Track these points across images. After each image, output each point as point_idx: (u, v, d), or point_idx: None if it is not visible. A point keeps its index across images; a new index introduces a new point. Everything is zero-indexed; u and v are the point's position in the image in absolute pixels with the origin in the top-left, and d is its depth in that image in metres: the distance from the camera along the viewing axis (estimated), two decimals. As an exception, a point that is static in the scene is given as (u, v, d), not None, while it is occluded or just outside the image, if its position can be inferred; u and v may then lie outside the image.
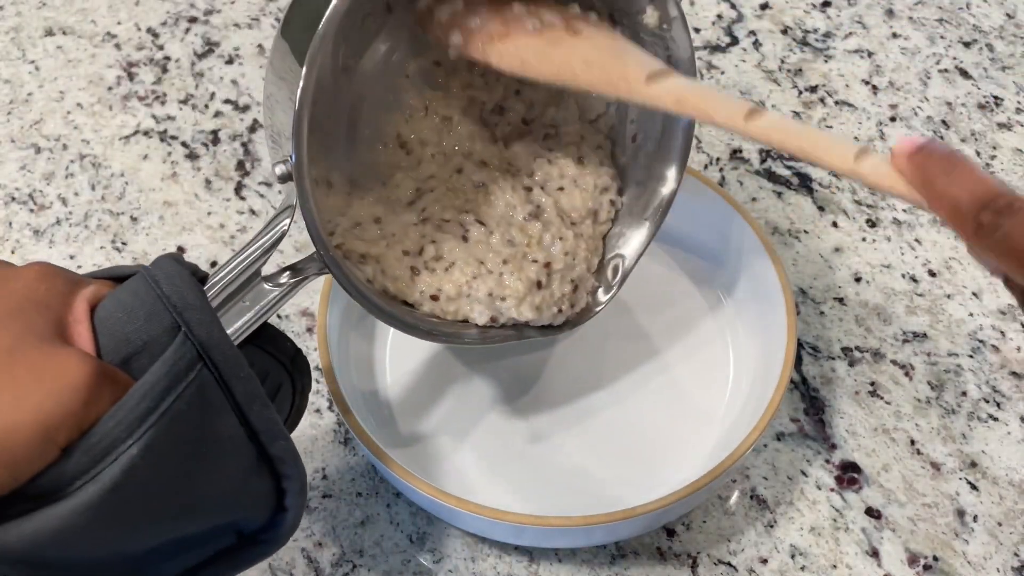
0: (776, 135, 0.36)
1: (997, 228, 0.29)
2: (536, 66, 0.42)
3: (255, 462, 0.35)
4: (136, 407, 0.31)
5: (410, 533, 0.50)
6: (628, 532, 0.47)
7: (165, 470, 0.32)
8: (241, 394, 0.34)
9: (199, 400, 0.32)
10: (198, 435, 0.33)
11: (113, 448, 0.30)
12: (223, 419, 0.34)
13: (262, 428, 0.35)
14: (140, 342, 0.32)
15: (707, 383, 0.53)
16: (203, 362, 0.33)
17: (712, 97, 0.38)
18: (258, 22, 0.76)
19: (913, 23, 0.74)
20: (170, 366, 0.32)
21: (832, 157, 0.34)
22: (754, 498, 0.50)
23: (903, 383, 0.54)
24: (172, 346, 0.32)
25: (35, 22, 0.77)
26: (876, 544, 0.48)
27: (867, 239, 0.61)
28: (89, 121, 0.70)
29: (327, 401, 0.54)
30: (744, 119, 0.36)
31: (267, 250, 0.39)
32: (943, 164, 0.31)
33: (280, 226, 0.39)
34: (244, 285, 0.38)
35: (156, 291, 0.33)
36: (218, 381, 0.33)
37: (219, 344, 0.33)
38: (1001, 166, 0.64)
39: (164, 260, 0.34)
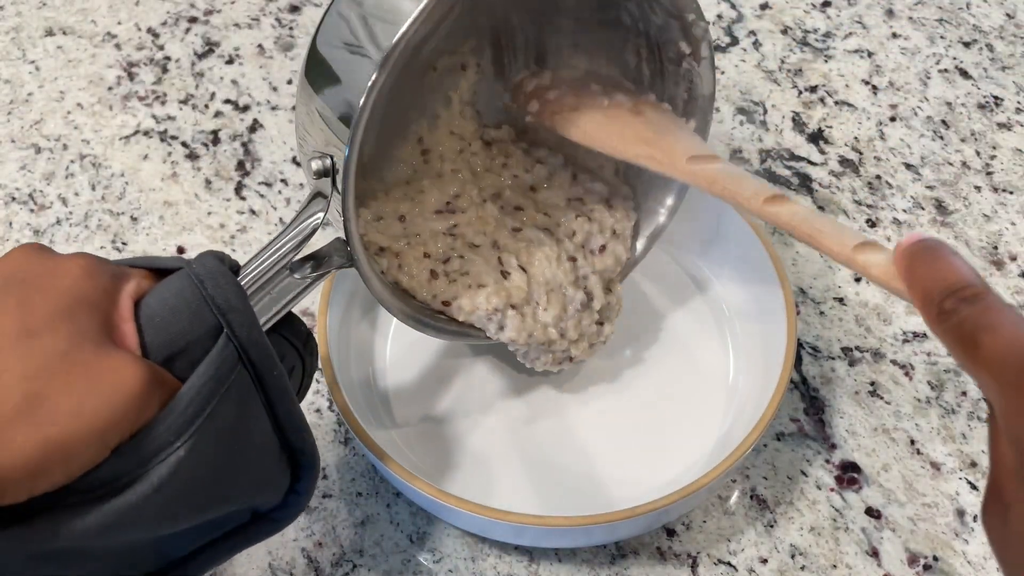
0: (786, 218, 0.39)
1: (955, 315, 0.29)
2: (594, 135, 0.47)
3: (279, 452, 0.36)
4: (185, 411, 0.32)
5: (410, 533, 0.50)
6: (628, 532, 0.47)
7: (206, 466, 0.33)
8: (272, 390, 0.35)
9: (237, 399, 0.34)
10: (235, 432, 0.34)
11: (162, 450, 0.31)
12: (256, 415, 0.35)
13: (288, 422, 0.36)
14: (184, 342, 0.33)
15: (707, 383, 0.53)
16: (242, 363, 0.34)
17: (740, 181, 0.41)
18: (258, 22, 0.76)
19: (913, 23, 0.74)
20: (215, 369, 0.33)
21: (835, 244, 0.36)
22: (754, 498, 0.50)
23: (903, 383, 0.54)
24: (216, 348, 0.33)
25: (35, 22, 0.77)
26: (876, 544, 0.48)
27: (867, 239, 0.61)
28: (89, 121, 0.70)
29: (327, 401, 0.54)
30: (763, 202, 0.40)
31: (299, 244, 0.39)
32: (929, 253, 0.31)
33: (313, 220, 0.39)
34: (273, 277, 0.38)
35: (201, 292, 0.33)
36: (253, 380, 0.34)
37: (258, 345, 0.34)
38: (1001, 166, 0.64)
39: (208, 259, 0.35)
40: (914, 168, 0.65)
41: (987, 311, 0.28)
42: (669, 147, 0.45)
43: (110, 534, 0.31)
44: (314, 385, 0.55)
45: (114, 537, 0.31)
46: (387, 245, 0.47)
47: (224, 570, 0.48)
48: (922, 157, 0.65)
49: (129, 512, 0.31)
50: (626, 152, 0.45)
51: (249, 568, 0.48)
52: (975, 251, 0.60)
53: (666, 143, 0.45)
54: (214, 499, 0.34)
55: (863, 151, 0.66)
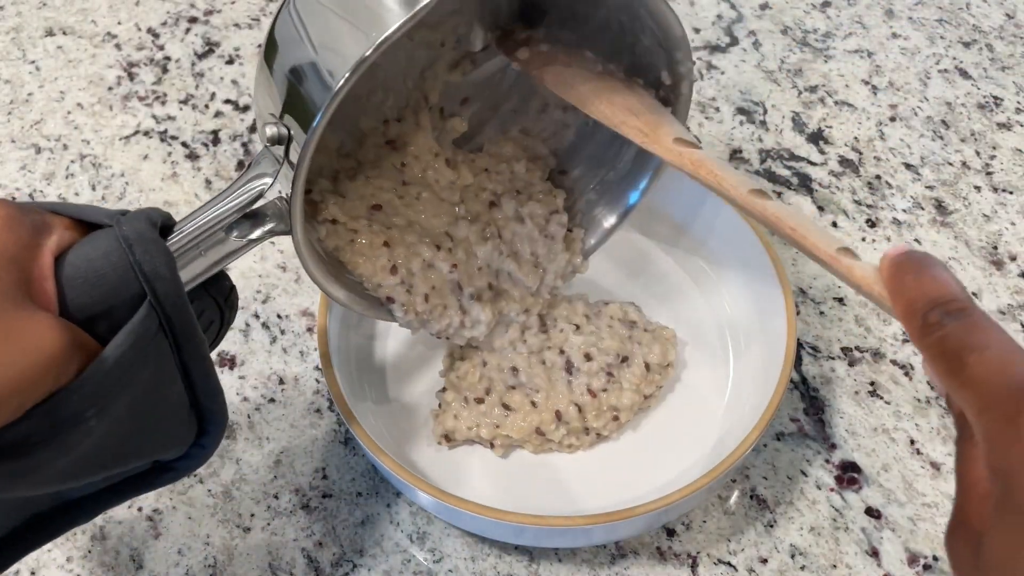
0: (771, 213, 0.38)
1: (939, 328, 0.28)
2: (583, 94, 0.45)
3: (188, 410, 0.36)
4: (101, 381, 0.31)
5: (410, 533, 0.50)
6: (628, 532, 0.47)
7: (116, 432, 0.33)
8: (189, 356, 0.34)
9: (154, 367, 0.33)
10: (147, 398, 0.33)
11: (74, 417, 0.31)
12: (170, 379, 0.34)
13: (202, 386, 0.36)
14: (106, 306, 0.32)
15: (707, 383, 0.53)
16: (162, 330, 0.33)
17: (725, 170, 0.41)
18: (258, 22, 0.76)
19: (913, 23, 0.74)
20: (135, 339, 0.32)
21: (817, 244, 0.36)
22: (754, 498, 0.50)
23: (903, 383, 0.54)
24: (137, 316, 0.32)
25: (35, 22, 0.77)
26: (876, 544, 0.48)
27: (867, 239, 0.61)
28: (89, 121, 0.70)
29: (327, 401, 0.55)
30: (747, 193, 0.39)
31: (240, 208, 0.38)
32: (916, 264, 0.31)
33: (259, 184, 0.38)
34: (208, 237, 0.37)
35: (128, 257, 0.32)
36: (171, 346, 0.34)
37: (181, 314, 0.33)
38: (1001, 166, 0.64)
39: (139, 220, 0.34)
40: (914, 168, 0.65)
41: (974, 328, 0.27)
42: (656, 123, 0.44)
43: (8, 490, 0.31)
44: (314, 385, 0.55)
45: (12, 492, 0.31)
46: (343, 220, 0.46)
47: (223, 570, 0.48)
48: (922, 157, 0.65)
49: (32, 472, 0.31)
50: (614, 118, 0.44)
51: (249, 568, 0.48)
52: (975, 251, 0.60)
53: (654, 119, 0.44)
54: (119, 459, 0.34)
55: (863, 151, 0.66)
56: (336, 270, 0.46)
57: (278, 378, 0.56)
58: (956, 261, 0.59)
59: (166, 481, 0.38)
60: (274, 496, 0.51)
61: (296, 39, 0.38)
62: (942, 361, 0.28)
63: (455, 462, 0.51)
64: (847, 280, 0.35)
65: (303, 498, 0.51)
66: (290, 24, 0.38)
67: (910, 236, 0.61)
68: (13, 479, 0.30)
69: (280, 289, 0.60)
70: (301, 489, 0.51)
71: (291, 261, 0.61)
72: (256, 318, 0.58)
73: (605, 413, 0.50)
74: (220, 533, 0.50)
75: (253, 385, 0.55)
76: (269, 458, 0.52)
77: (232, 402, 0.54)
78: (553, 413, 0.50)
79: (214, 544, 0.49)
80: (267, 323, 0.58)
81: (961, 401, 0.27)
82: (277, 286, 0.60)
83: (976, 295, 0.58)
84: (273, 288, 0.60)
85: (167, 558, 0.49)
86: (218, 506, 0.51)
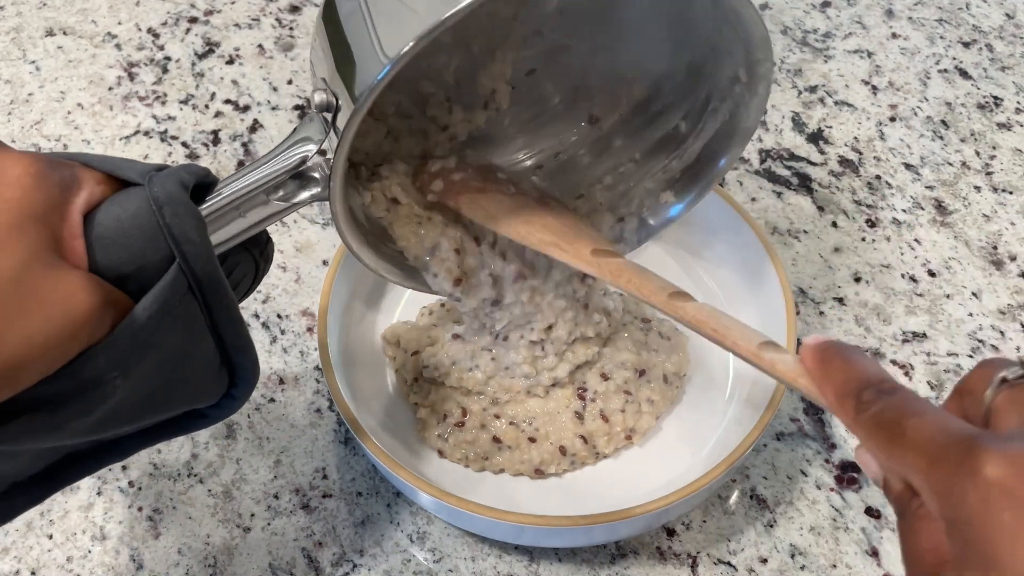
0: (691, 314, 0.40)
1: (874, 404, 0.29)
2: (499, 219, 0.46)
3: (219, 366, 0.36)
4: (128, 343, 0.31)
5: (410, 533, 0.50)
6: (628, 532, 0.47)
7: (143, 390, 0.33)
8: (220, 316, 0.34)
9: (183, 327, 0.33)
10: (176, 357, 0.33)
11: (100, 378, 0.31)
12: (200, 338, 0.34)
13: (233, 343, 0.36)
14: (135, 266, 0.32)
15: (707, 383, 0.53)
16: (191, 292, 0.33)
17: (644, 276, 0.42)
18: (258, 22, 0.76)
19: (913, 23, 0.74)
20: (163, 301, 0.32)
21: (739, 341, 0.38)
22: (754, 498, 0.50)
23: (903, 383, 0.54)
24: (166, 278, 0.32)
25: (36, 22, 0.77)
26: (876, 544, 0.48)
27: (867, 239, 0.61)
28: (90, 121, 0.70)
29: (327, 401, 0.55)
30: (667, 297, 0.41)
31: (281, 175, 0.37)
32: (839, 352, 0.32)
33: (301, 151, 0.37)
34: (248, 199, 0.37)
35: (158, 219, 0.32)
36: (201, 307, 0.34)
37: (211, 275, 0.33)
38: (1001, 166, 0.64)
39: (169, 182, 0.33)
40: (914, 168, 0.65)
41: (908, 399, 0.28)
42: (573, 237, 0.45)
43: (36, 442, 0.31)
44: (314, 385, 0.55)
45: (40, 444, 0.31)
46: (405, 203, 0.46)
47: (223, 570, 0.48)
48: (922, 157, 0.65)
49: (56, 430, 0.31)
50: (530, 238, 0.45)
51: (249, 568, 0.48)
52: (975, 251, 0.60)
53: (570, 233, 0.45)
54: (147, 413, 0.35)
55: (863, 151, 0.66)
56: (375, 239, 0.46)
57: (278, 378, 0.56)
58: (956, 261, 0.59)
59: (199, 426, 0.38)
60: (274, 496, 0.51)
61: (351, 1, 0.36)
62: (881, 433, 0.28)
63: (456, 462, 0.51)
64: (771, 374, 0.36)
65: (303, 498, 0.51)
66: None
67: (910, 236, 0.61)
68: (36, 435, 0.31)
69: (280, 289, 0.60)
70: (301, 489, 0.51)
71: (291, 261, 0.61)
72: (256, 318, 0.58)
73: (618, 435, 0.50)
74: (220, 533, 0.50)
75: (253, 385, 0.55)
76: (269, 458, 0.52)
77: (232, 402, 0.54)
78: (557, 449, 0.49)
79: (214, 544, 0.49)
80: (267, 323, 0.58)
81: (904, 468, 0.27)
82: (277, 286, 0.60)
83: (976, 295, 0.58)
84: (273, 288, 0.60)
85: (167, 558, 0.49)
86: (218, 506, 0.51)
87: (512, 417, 0.50)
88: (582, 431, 0.49)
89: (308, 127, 0.37)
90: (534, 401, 0.50)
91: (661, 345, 0.52)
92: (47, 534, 0.50)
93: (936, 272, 0.59)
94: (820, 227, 0.61)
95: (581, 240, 0.45)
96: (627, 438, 0.50)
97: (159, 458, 0.53)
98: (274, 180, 0.37)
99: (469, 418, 0.50)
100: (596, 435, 0.49)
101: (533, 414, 0.50)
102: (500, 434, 0.50)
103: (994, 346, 0.55)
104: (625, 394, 0.50)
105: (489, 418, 0.50)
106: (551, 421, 0.50)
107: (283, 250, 0.61)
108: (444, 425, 0.50)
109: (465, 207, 0.46)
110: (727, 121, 0.47)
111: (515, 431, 0.50)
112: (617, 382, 0.50)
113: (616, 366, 0.51)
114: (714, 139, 0.48)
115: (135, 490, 0.52)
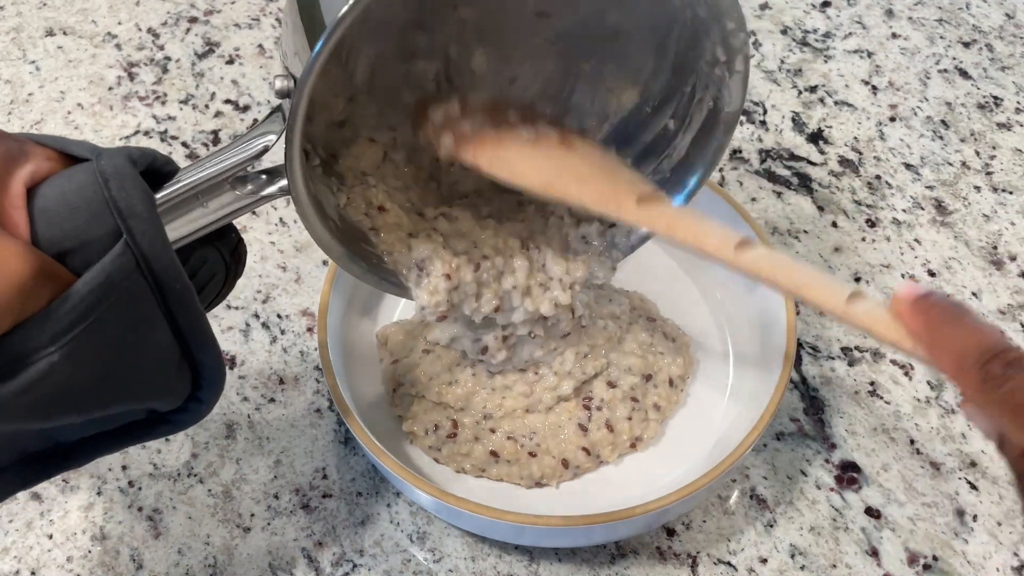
0: (766, 268, 0.35)
1: (1006, 380, 0.27)
2: (527, 175, 0.41)
3: (178, 361, 0.35)
4: (65, 316, 0.30)
5: (410, 533, 0.50)
6: (628, 532, 0.47)
7: (85, 373, 0.32)
8: (175, 304, 0.33)
9: (129, 308, 0.32)
10: (123, 340, 0.32)
11: (35, 352, 0.30)
12: (152, 325, 0.33)
13: (191, 335, 0.34)
14: (79, 240, 0.31)
15: (707, 383, 0.53)
16: (140, 271, 0.32)
17: (703, 225, 0.37)
18: (258, 22, 0.76)
19: (913, 23, 0.74)
20: (105, 276, 0.31)
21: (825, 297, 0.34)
22: (754, 498, 0.50)
23: (903, 383, 0.54)
24: (110, 254, 0.31)
25: (36, 22, 0.77)
26: (876, 544, 0.48)
27: (867, 239, 0.61)
28: (90, 121, 0.70)
29: (327, 401, 0.55)
30: (734, 249, 0.36)
31: (244, 161, 0.36)
32: (948, 312, 0.30)
33: (262, 141, 0.37)
34: (211, 189, 0.36)
35: (104, 192, 0.31)
36: (152, 289, 0.33)
37: (160, 255, 0.32)
38: (1001, 166, 0.64)
39: (118, 156, 0.32)
40: (914, 168, 0.65)
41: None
42: (613, 187, 0.40)
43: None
44: (314, 385, 0.55)
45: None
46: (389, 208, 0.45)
47: (223, 570, 0.48)
48: (922, 157, 0.65)
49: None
50: (566, 192, 0.40)
51: (249, 568, 0.48)
52: (975, 251, 0.60)
53: (609, 183, 0.41)
54: (95, 403, 0.33)
55: (863, 151, 0.66)
56: (349, 237, 0.45)
57: (278, 378, 0.56)
58: (956, 261, 0.59)
59: (162, 433, 0.37)
60: (274, 496, 0.51)
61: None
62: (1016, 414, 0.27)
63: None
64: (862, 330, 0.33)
65: (303, 498, 0.51)
66: None
67: (910, 236, 0.61)
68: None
69: (280, 289, 0.60)
70: (301, 489, 0.51)
71: (291, 261, 0.61)
72: (256, 318, 0.58)
73: (624, 443, 0.49)
74: (220, 533, 0.50)
75: (253, 385, 0.55)
76: (269, 458, 0.52)
77: (232, 402, 0.54)
78: (559, 463, 0.49)
79: (214, 544, 0.49)
80: (267, 323, 0.58)
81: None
82: (277, 286, 0.60)
83: (976, 295, 0.58)
84: (273, 288, 0.60)
85: (167, 558, 0.49)
86: (218, 506, 0.51)
87: (510, 432, 0.49)
88: (585, 443, 0.49)
89: (273, 119, 0.37)
90: (534, 416, 0.50)
91: (666, 347, 0.52)
92: (47, 534, 0.50)
93: (936, 272, 0.59)
94: (820, 227, 0.61)
95: (621, 188, 0.40)
96: (632, 446, 0.50)
97: (159, 458, 0.53)
98: (236, 169, 0.36)
99: (461, 431, 0.50)
100: (600, 445, 0.49)
101: (533, 428, 0.49)
102: (498, 448, 0.49)
103: (994, 346, 0.55)
104: (632, 401, 0.50)
105: (484, 432, 0.49)
106: (553, 435, 0.49)
107: (283, 250, 0.61)
108: (435, 437, 0.50)
109: (486, 163, 0.41)
110: (712, 109, 0.45)
111: (514, 445, 0.49)
112: (624, 389, 0.50)
113: (623, 372, 0.50)
114: (701, 131, 0.46)
115: (135, 490, 0.52)
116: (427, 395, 0.50)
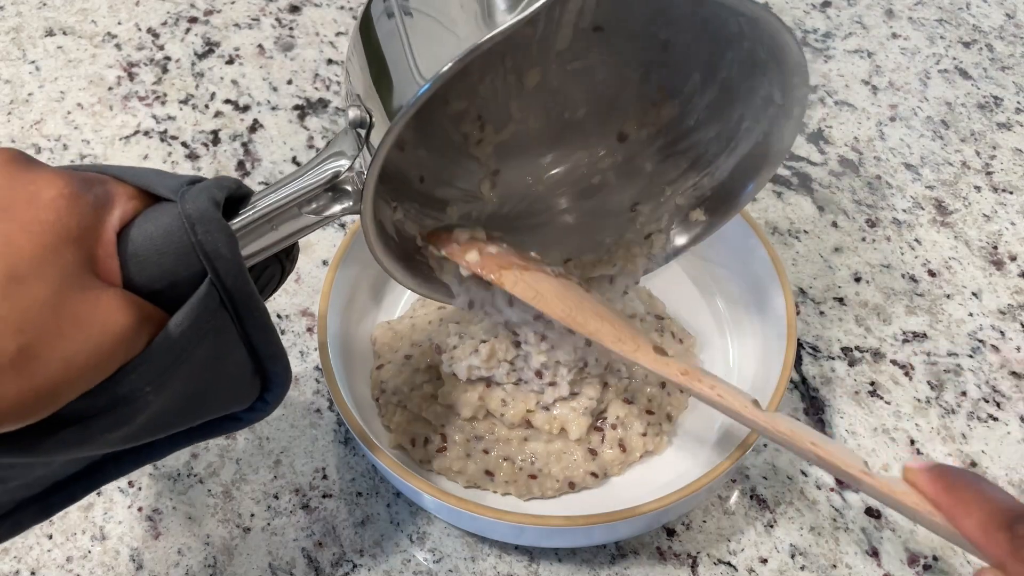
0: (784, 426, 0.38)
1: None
2: (550, 301, 0.43)
3: (251, 374, 0.37)
4: (162, 360, 0.32)
5: (410, 533, 0.50)
6: (628, 532, 0.47)
7: (175, 402, 0.33)
8: (252, 327, 0.35)
9: (215, 340, 0.34)
10: (207, 369, 0.34)
11: (132, 395, 0.31)
12: (232, 349, 0.35)
13: (265, 352, 0.36)
14: (167, 282, 0.33)
15: (707, 383, 0.53)
16: (223, 306, 0.34)
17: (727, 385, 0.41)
18: (258, 22, 0.76)
19: (913, 23, 0.74)
20: (195, 317, 0.33)
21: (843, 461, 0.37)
22: (754, 498, 0.50)
23: (903, 383, 0.54)
24: (197, 294, 0.33)
25: (35, 22, 0.77)
26: (876, 544, 0.48)
27: (867, 239, 0.61)
28: (89, 121, 0.70)
29: (327, 401, 0.55)
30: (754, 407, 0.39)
31: (314, 189, 0.37)
32: (964, 479, 0.32)
33: (334, 167, 0.37)
34: (280, 213, 0.37)
35: (190, 236, 0.33)
36: (233, 319, 0.34)
37: (242, 289, 0.34)
38: (1001, 166, 0.64)
39: (201, 199, 0.33)
40: (914, 168, 0.65)
41: None
42: (632, 331, 0.43)
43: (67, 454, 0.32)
44: (314, 385, 0.55)
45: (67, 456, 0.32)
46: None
47: (223, 570, 0.48)
48: (922, 157, 0.65)
49: (87, 442, 0.32)
50: (587, 325, 0.43)
51: (249, 568, 0.48)
52: (975, 251, 0.60)
53: (628, 326, 0.43)
54: (179, 423, 0.35)
55: (863, 151, 0.66)
56: (405, 252, 0.45)
57: (278, 378, 0.56)
58: (956, 261, 0.59)
59: (229, 429, 0.38)
60: (274, 496, 0.51)
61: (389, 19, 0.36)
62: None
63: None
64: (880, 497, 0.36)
65: (303, 498, 0.51)
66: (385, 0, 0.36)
67: (910, 236, 0.61)
68: (67, 447, 0.31)
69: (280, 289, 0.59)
70: (301, 489, 0.51)
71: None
72: (256, 318, 0.58)
73: (635, 459, 0.49)
74: (220, 533, 0.50)
75: (253, 385, 0.55)
76: (269, 458, 0.52)
77: (232, 402, 0.54)
78: (566, 485, 0.48)
79: (214, 544, 0.49)
80: (267, 323, 0.58)
81: None
82: (277, 286, 0.60)
83: (976, 295, 0.58)
84: (273, 288, 0.60)
85: (167, 558, 0.49)
86: (218, 506, 0.51)
87: (506, 454, 0.48)
88: (594, 468, 0.48)
89: (341, 141, 0.38)
90: (535, 443, 0.49)
91: (676, 348, 0.52)
92: (47, 534, 0.50)
93: (936, 272, 0.59)
94: (820, 227, 0.61)
95: (640, 336, 0.43)
96: (640, 457, 0.49)
97: (159, 458, 0.53)
98: (307, 194, 0.37)
99: (451, 447, 0.49)
100: (611, 465, 0.48)
101: (534, 453, 0.48)
102: (492, 468, 0.48)
103: (994, 346, 0.55)
104: (647, 414, 0.49)
105: (477, 452, 0.48)
106: (558, 460, 0.48)
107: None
108: (424, 451, 0.49)
109: (509, 283, 0.43)
110: (760, 142, 0.45)
111: (511, 467, 0.48)
112: (642, 404, 0.49)
113: (641, 382, 0.50)
114: (747, 158, 0.46)
115: (135, 490, 0.52)
116: (409, 406, 0.50)
